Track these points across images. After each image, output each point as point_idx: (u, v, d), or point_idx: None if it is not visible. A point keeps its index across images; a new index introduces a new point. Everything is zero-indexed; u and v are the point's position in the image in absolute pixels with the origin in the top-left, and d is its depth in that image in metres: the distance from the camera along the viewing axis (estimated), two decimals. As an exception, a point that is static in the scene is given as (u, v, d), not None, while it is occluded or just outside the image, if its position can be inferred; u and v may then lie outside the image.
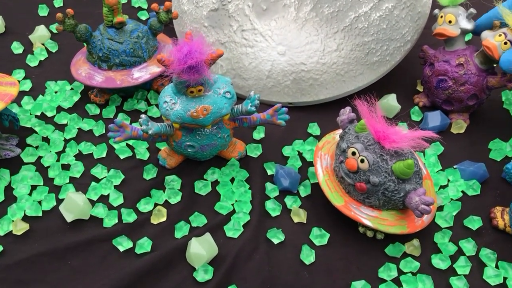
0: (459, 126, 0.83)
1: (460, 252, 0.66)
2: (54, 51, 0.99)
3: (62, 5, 1.10)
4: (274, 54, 0.86)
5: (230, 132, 0.74)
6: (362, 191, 0.64)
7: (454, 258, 0.65)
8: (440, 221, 0.69)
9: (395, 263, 0.65)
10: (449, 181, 0.75)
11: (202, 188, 0.73)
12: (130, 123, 0.84)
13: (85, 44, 0.85)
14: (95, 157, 0.78)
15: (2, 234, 0.67)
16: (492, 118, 0.86)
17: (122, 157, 0.78)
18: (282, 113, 0.73)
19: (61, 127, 0.83)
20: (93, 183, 0.73)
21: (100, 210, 0.69)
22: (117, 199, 0.71)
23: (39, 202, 0.71)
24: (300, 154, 0.79)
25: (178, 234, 0.68)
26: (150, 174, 0.75)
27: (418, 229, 0.65)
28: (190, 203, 0.72)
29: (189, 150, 0.73)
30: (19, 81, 0.91)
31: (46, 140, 0.80)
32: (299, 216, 0.70)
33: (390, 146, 0.61)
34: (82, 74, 0.84)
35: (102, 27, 0.84)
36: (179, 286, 0.62)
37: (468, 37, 0.85)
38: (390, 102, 0.85)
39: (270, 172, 0.76)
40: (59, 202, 0.71)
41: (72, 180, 0.75)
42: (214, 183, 0.74)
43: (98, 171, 0.75)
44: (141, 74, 0.84)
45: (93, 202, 0.71)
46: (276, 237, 0.67)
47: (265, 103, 0.87)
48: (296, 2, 0.86)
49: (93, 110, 0.86)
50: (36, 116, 0.85)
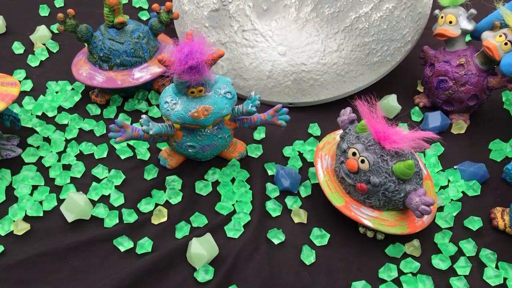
0: (460, 126, 0.83)
1: (460, 252, 0.66)
2: (55, 51, 0.99)
3: (63, 5, 1.10)
4: (274, 54, 0.86)
5: (231, 132, 0.74)
6: (363, 192, 0.64)
7: (454, 259, 0.65)
8: (440, 221, 0.69)
9: (396, 264, 0.65)
10: (449, 181, 0.75)
11: (202, 188, 0.73)
12: (131, 124, 0.84)
13: (86, 44, 0.85)
14: (96, 157, 0.78)
15: (3, 234, 0.67)
16: (492, 118, 0.86)
17: (123, 157, 0.78)
18: (282, 113, 0.73)
19: (62, 127, 0.83)
20: (94, 183, 0.73)
21: (101, 210, 0.70)
22: (118, 199, 0.71)
23: (40, 202, 0.71)
24: (300, 155, 0.79)
25: (179, 234, 0.68)
26: (151, 174, 0.75)
27: (418, 229, 0.65)
28: (190, 203, 0.72)
29: (189, 151, 0.73)
30: (20, 81, 0.91)
31: (47, 140, 0.80)
32: (300, 216, 0.70)
33: (390, 147, 0.61)
34: (83, 74, 0.84)
35: (103, 27, 0.84)
36: (180, 286, 0.62)
37: (468, 37, 0.85)
38: (391, 102, 0.85)
39: (270, 172, 0.76)
40: (60, 202, 0.71)
41: (73, 180, 0.75)
42: (215, 184, 0.75)
43: (99, 171, 0.75)
44: (142, 74, 0.84)
45: (94, 202, 0.71)
46: (276, 237, 0.67)
47: (265, 104, 0.87)
48: (296, 3, 0.86)
49: (94, 110, 0.86)
50: (37, 116, 0.85)
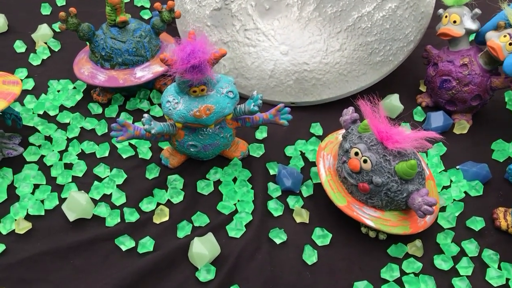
0: (462, 126, 0.83)
1: (462, 253, 0.66)
2: (56, 50, 0.99)
3: (65, 4, 1.10)
4: (277, 53, 0.86)
5: (233, 131, 0.74)
6: (365, 192, 0.63)
7: (456, 259, 0.65)
8: (442, 221, 0.69)
9: (398, 264, 0.64)
10: (451, 181, 0.75)
11: (204, 187, 0.73)
12: (133, 123, 0.84)
13: (88, 43, 0.85)
14: (98, 156, 0.78)
15: (4, 233, 0.67)
16: (495, 118, 0.86)
17: (124, 156, 0.78)
18: (284, 113, 0.73)
19: (63, 126, 0.83)
20: (95, 182, 0.73)
21: (102, 210, 0.70)
22: (119, 199, 0.71)
23: (42, 201, 0.71)
24: (302, 154, 0.79)
25: (181, 234, 0.68)
26: (152, 173, 0.75)
27: (420, 229, 0.65)
28: (192, 203, 0.72)
29: (191, 150, 0.72)
30: (22, 80, 0.91)
31: (49, 139, 0.80)
32: (302, 216, 0.70)
33: (393, 147, 0.61)
34: (85, 73, 0.84)
35: (105, 26, 0.84)
36: (182, 285, 0.62)
37: (472, 37, 0.84)
38: (393, 102, 0.85)
39: (272, 172, 0.76)
40: (62, 201, 0.71)
41: (74, 179, 0.75)
42: (217, 183, 0.74)
43: (101, 170, 0.75)
44: (143, 73, 0.84)
45: (95, 201, 0.71)
46: (278, 237, 0.67)
47: (267, 103, 0.87)
48: (299, 2, 0.86)
49: (95, 109, 0.86)
50: (38, 115, 0.85)
